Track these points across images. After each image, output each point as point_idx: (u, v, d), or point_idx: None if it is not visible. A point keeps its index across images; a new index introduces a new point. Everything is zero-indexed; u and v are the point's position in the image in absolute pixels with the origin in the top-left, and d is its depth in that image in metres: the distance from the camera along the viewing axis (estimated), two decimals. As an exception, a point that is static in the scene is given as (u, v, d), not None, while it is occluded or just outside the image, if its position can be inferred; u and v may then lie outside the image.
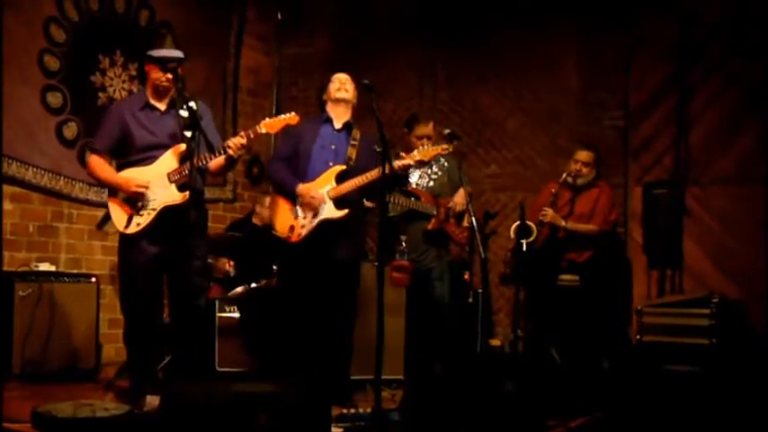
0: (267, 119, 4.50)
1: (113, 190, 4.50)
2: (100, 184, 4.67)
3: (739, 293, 6.30)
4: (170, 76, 4.42)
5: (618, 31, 7.03)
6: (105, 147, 4.54)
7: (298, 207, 4.86)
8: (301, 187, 4.83)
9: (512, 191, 7.42)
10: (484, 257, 5.43)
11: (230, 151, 4.32)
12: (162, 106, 4.54)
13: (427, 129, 5.76)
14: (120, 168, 4.52)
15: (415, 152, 4.86)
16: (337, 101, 4.96)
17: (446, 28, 7.67)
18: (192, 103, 4.34)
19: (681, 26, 6.76)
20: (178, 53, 4.46)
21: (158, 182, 4.40)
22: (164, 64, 4.43)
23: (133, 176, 4.42)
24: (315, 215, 4.81)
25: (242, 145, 4.35)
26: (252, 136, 4.40)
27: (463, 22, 7.58)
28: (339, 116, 4.97)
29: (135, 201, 4.42)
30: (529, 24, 7.32)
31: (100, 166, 4.53)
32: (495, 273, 7.27)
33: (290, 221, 4.86)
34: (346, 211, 4.79)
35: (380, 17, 7.94)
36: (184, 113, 4.35)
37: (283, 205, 4.92)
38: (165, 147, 4.45)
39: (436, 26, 7.73)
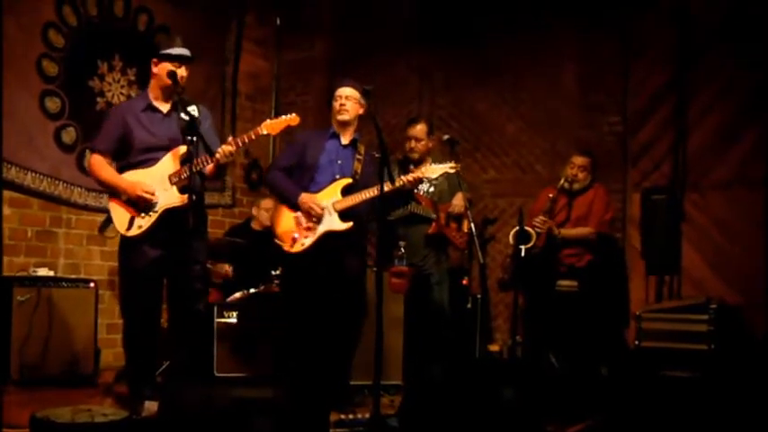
0: (268, 120, 4.53)
1: (115, 192, 4.50)
2: (102, 184, 4.62)
3: (738, 299, 6.30)
4: (183, 72, 4.45)
5: (616, 36, 7.03)
6: (107, 147, 4.53)
7: (301, 216, 4.87)
8: (304, 196, 4.84)
9: (510, 196, 7.41)
10: (483, 263, 5.43)
11: (218, 156, 4.34)
12: (164, 108, 4.55)
13: (414, 130, 5.81)
14: (120, 170, 4.51)
15: (423, 169, 4.93)
16: (338, 122, 4.98)
17: (445, 33, 7.68)
18: (192, 107, 4.36)
19: (679, 31, 6.78)
20: (188, 52, 4.51)
21: (160, 184, 4.41)
22: (177, 61, 4.45)
23: (139, 180, 4.42)
24: (317, 224, 4.81)
25: (230, 152, 4.37)
26: (245, 142, 4.43)
27: (462, 28, 7.59)
28: (345, 133, 4.98)
29: (137, 202, 4.42)
30: (528, 30, 7.33)
31: (102, 166, 4.52)
32: (493, 278, 7.26)
33: (293, 231, 4.86)
34: (350, 223, 4.80)
35: (379, 22, 7.95)
36: (185, 117, 4.36)
37: (287, 214, 4.91)
38: (166, 149, 4.47)
39: (435, 31, 7.74)
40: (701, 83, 6.72)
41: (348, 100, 4.92)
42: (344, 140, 4.97)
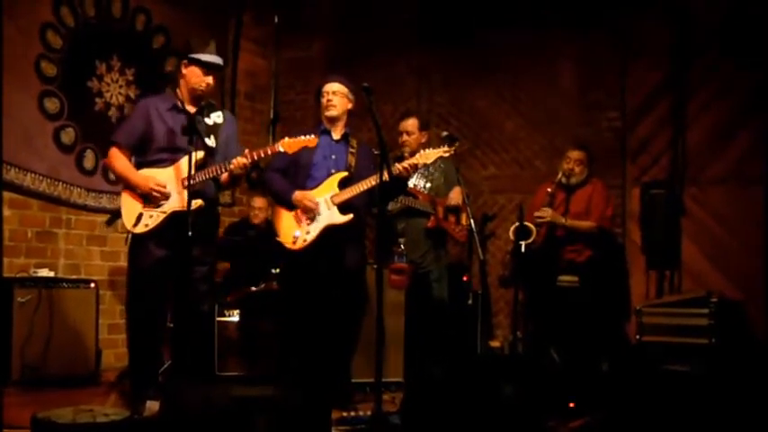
0: (287, 138, 4.48)
1: (128, 185, 4.50)
2: (117, 177, 4.62)
3: (738, 293, 6.31)
4: (210, 81, 4.44)
5: (615, 33, 7.02)
6: (127, 141, 4.54)
7: (300, 213, 4.87)
8: (297, 194, 4.85)
9: (509, 192, 7.41)
10: (482, 259, 5.43)
11: (232, 167, 4.35)
12: (190, 110, 4.53)
13: (405, 124, 5.86)
14: (136, 167, 4.52)
15: (418, 155, 4.85)
16: (327, 118, 4.98)
17: (443, 31, 7.66)
18: (217, 113, 4.39)
19: (678, 31, 6.77)
20: (220, 60, 4.50)
21: (173, 186, 4.42)
22: (208, 68, 4.44)
23: (152, 175, 4.43)
24: (314, 220, 4.81)
25: (243, 165, 4.38)
26: (261, 156, 4.42)
27: (460, 25, 7.58)
28: (335, 129, 4.99)
29: (149, 197, 4.43)
30: (526, 27, 7.31)
31: (120, 159, 4.52)
32: (494, 275, 7.27)
33: (294, 229, 4.85)
34: (351, 216, 4.80)
35: (378, 20, 7.94)
36: (209, 121, 4.38)
37: (286, 213, 4.92)
38: (185, 151, 4.43)
39: (434, 29, 7.72)
40: (699, 82, 6.71)
41: (335, 95, 4.93)
42: (335, 135, 4.98)
